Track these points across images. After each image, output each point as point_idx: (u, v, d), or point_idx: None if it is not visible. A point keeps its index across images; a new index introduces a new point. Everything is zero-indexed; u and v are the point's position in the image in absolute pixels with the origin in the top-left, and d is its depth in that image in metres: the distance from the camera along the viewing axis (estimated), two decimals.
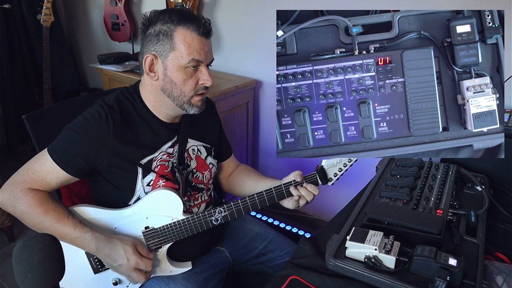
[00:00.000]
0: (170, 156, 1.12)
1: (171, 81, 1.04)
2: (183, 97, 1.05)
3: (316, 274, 0.86)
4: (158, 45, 1.02)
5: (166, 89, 1.05)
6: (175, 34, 1.00)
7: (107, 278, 1.10)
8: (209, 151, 1.23)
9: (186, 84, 1.04)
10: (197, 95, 1.07)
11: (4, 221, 2.10)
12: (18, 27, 2.81)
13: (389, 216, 0.92)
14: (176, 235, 1.09)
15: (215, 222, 1.08)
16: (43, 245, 0.67)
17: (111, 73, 2.37)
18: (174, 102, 1.07)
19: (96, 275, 1.10)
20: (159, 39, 1.02)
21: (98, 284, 1.10)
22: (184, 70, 1.02)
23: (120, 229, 1.08)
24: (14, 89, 2.84)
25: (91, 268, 1.09)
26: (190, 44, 1.00)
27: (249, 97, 2.21)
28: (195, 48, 1.01)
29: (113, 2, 2.61)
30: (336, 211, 1.16)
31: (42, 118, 1.31)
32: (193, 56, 1.01)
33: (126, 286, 1.11)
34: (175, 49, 1.01)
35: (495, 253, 0.93)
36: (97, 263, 1.09)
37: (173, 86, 1.04)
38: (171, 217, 1.08)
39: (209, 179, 1.22)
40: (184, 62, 1.01)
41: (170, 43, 1.01)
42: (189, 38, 1.00)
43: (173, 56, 1.01)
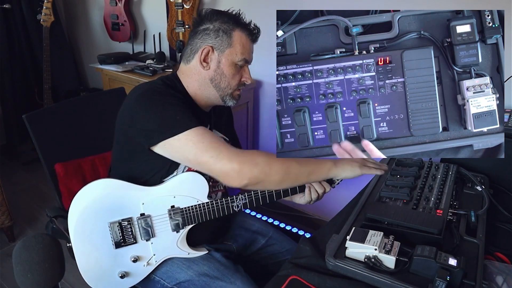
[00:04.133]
0: None
1: (222, 73, 1.14)
2: (228, 89, 1.16)
3: (316, 274, 0.86)
4: (217, 39, 1.12)
5: (215, 80, 1.15)
6: (234, 34, 1.12)
7: (127, 254, 1.10)
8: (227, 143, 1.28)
9: (234, 78, 1.15)
10: (238, 90, 1.19)
11: (4, 221, 2.10)
12: (18, 27, 2.81)
13: (389, 216, 0.92)
14: (199, 217, 1.12)
15: (236, 208, 1.14)
16: (43, 245, 0.67)
17: (111, 73, 2.37)
18: (219, 92, 1.16)
19: (116, 249, 1.09)
20: (218, 34, 1.12)
21: (117, 259, 1.10)
22: (235, 66, 1.14)
23: (147, 204, 1.10)
24: (14, 89, 2.84)
25: (113, 243, 1.09)
26: (244, 45, 1.14)
27: (249, 97, 2.21)
28: (247, 49, 1.15)
29: (113, 2, 2.61)
30: (336, 211, 1.17)
31: (42, 118, 1.31)
32: (245, 56, 1.14)
33: (144, 264, 1.12)
34: (232, 46, 1.13)
35: (495, 253, 0.93)
36: (120, 238, 1.09)
37: (222, 77, 1.15)
38: (197, 199, 1.12)
39: None
40: (237, 59, 1.13)
41: (229, 40, 1.12)
42: (244, 40, 1.14)
43: (229, 52, 1.13)
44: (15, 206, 2.35)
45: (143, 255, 1.11)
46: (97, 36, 3.04)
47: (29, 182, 2.70)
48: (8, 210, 2.11)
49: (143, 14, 2.68)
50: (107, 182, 1.09)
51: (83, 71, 3.29)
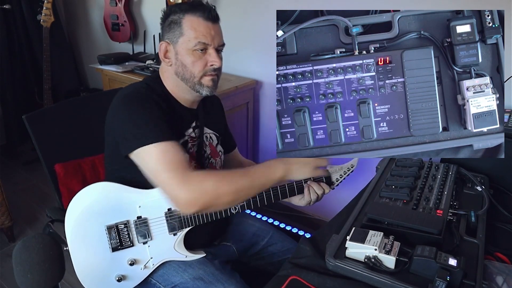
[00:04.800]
0: (193, 140, 1.18)
1: (182, 64, 1.12)
2: (193, 78, 1.12)
3: (316, 274, 0.86)
4: (170, 33, 1.12)
5: (179, 72, 1.13)
6: (183, 21, 1.10)
7: (123, 258, 1.10)
8: (218, 140, 1.30)
9: (195, 65, 1.11)
10: (207, 75, 1.13)
11: (4, 221, 2.10)
12: (18, 27, 2.81)
13: (389, 216, 0.92)
14: (196, 220, 1.11)
15: (233, 211, 1.13)
16: (43, 245, 0.67)
17: (111, 74, 2.37)
18: (187, 84, 1.14)
19: (113, 253, 1.09)
20: (170, 27, 1.12)
21: (114, 263, 1.10)
22: (193, 53, 1.10)
23: (144, 207, 1.10)
24: (14, 89, 2.84)
25: (109, 247, 1.09)
26: (196, 28, 1.09)
27: (249, 97, 2.20)
28: (201, 32, 1.09)
29: (113, 2, 2.61)
30: (336, 211, 1.16)
31: (42, 118, 1.31)
32: (199, 39, 1.09)
33: (141, 267, 1.11)
34: (183, 34, 1.10)
35: (495, 253, 0.93)
36: (116, 241, 1.09)
37: (184, 68, 1.12)
38: None
39: (219, 166, 1.29)
40: (192, 45, 1.09)
41: (180, 29, 1.10)
42: (196, 23, 1.09)
43: (182, 41, 1.10)
44: (15, 206, 2.35)
45: (140, 258, 1.11)
46: (97, 37, 3.03)
47: (29, 182, 2.70)
48: (8, 210, 2.11)
49: (143, 14, 2.68)
50: (103, 186, 1.09)
51: (83, 71, 3.29)
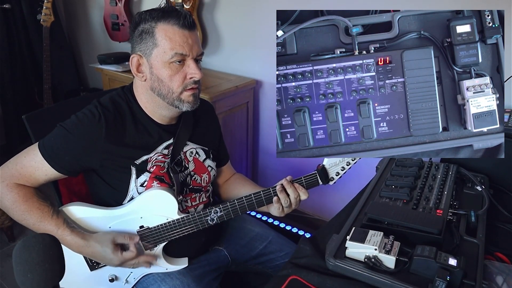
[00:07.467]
0: (166, 157, 1.11)
1: (158, 78, 1.02)
2: (172, 94, 1.03)
3: (316, 274, 0.86)
4: (142, 44, 1.01)
5: (155, 88, 1.04)
6: (156, 30, 0.99)
7: (104, 275, 1.10)
8: (208, 154, 1.22)
9: (173, 80, 1.01)
10: (187, 90, 1.03)
11: (4, 221, 2.10)
12: (18, 27, 2.81)
13: (389, 216, 0.92)
14: (171, 234, 1.08)
15: (211, 222, 1.08)
16: (43, 245, 0.67)
17: (111, 73, 2.37)
18: (165, 100, 1.05)
19: (92, 272, 1.10)
20: (142, 38, 1.01)
21: (94, 281, 1.10)
22: (169, 65, 1.00)
23: (114, 228, 1.08)
24: (14, 89, 2.84)
25: (87, 266, 1.09)
26: (171, 38, 0.98)
27: (249, 97, 2.20)
28: (177, 41, 0.98)
29: (113, 2, 2.60)
30: (336, 211, 1.16)
31: (42, 118, 1.31)
32: (176, 50, 0.98)
33: (123, 282, 1.11)
34: (157, 46, 0.99)
35: (495, 253, 0.93)
36: (92, 260, 1.09)
37: (160, 83, 1.02)
38: (166, 217, 1.07)
39: (207, 182, 1.22)
40: (168, 57, 0.99)
41: (153, 40, 0.99)
42: (170, 32, 0.98)
43: (156, 53, 1.00)
44: None
45: (120, 274, 1.10)
46: (97, 36, 3.03)
47: None
48: None
49: None
50: (73, 209, 1.08)
51: (83, 71, 3.29)
